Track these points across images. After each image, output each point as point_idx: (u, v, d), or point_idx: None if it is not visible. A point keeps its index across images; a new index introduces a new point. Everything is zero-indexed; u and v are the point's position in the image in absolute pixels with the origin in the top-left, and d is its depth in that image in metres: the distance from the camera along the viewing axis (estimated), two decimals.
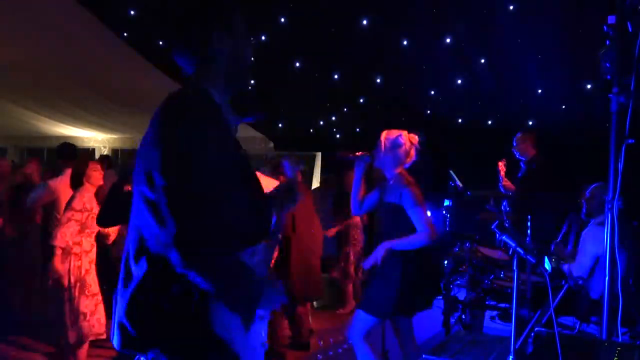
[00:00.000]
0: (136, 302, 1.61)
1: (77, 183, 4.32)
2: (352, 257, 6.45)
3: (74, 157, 5.17)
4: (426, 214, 3.38)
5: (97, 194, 4.38)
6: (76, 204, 4.17)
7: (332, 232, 6.39)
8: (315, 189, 7.49)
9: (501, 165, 5.78)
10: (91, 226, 4.20)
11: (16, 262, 5.38)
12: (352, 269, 6.46)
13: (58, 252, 4.07)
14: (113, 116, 9.01)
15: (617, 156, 2.76)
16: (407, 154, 3.51)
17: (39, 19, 5.84)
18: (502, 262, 4.71)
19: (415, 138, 3.55)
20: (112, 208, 3.49)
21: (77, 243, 4.16)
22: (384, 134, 3.53)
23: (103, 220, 3.68)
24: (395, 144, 3.48)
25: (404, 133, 3.53)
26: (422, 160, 3.58)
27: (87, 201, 4.22)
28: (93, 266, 4.28)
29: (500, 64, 6.39)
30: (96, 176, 4.32)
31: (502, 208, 5.50)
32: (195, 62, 1.74)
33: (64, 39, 6.28)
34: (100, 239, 4.40)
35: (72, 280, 4.12)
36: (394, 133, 3.52)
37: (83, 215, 4.18)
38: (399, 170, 3.49)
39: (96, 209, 4.19)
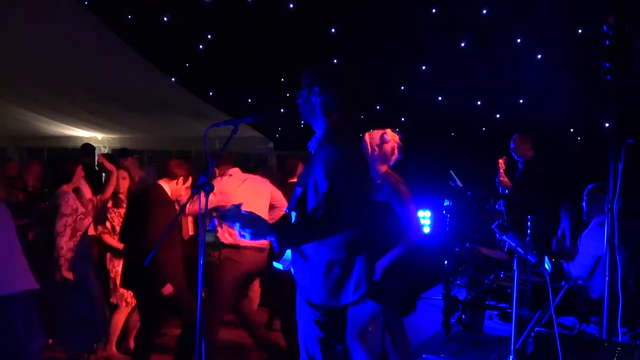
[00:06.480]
0: None
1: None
2: None
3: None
4: (415, 211, 3.42)
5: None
6: (65, 209, 4.08)
7: None
8: None
9: (501, 162, 5.76)
10: (81, 228, 4.17)
11: None
12: None
13: (64, 262, 4.01)
14: (113, 116, 9.00)
15: (616, 156, 2.76)
16: (393, 151, 3.53)
17: (40, 19, 5.84)
18: (502, 262, 4.70)
19: (396, 136, 3.56)
20: None
21: (70, 249, 4.09)
22: (367, 136, 3.55)
23: None
24: (382, 141, 3.50)
25: (388, 131, 3.55)
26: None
27: (72, 203, 4.14)
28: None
29: (500, 63, 6.38)
30: (78, 173, 4.26)
31: (497, 207, 5.50)
32: None
33: (64, 39, 6.28)
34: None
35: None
36: (378, 132, 3.54)
37: (72, 219, 4.12)
38: (385, 169, 3.51)
39: (81, 208, 4.17)
